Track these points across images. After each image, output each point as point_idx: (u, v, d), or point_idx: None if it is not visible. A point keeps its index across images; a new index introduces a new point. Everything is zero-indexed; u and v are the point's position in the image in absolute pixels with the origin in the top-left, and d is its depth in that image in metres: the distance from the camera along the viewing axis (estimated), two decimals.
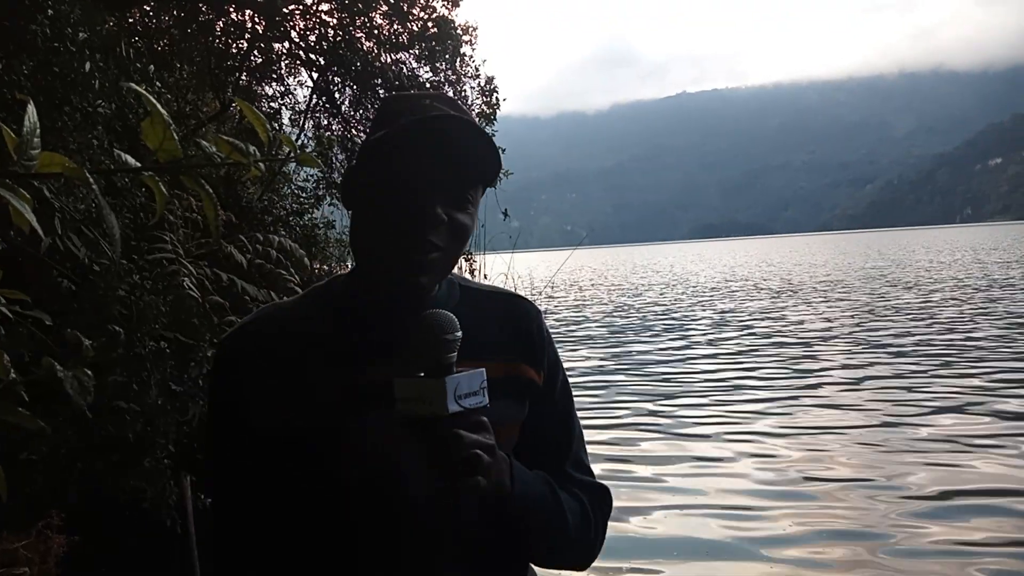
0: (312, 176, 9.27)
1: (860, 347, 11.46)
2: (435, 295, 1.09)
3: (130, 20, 6.64)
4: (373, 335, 1.04)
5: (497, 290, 1.21)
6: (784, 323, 15.07)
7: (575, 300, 25.22)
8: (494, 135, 9.34)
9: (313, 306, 1.10)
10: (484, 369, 0.93)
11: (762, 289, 24.66)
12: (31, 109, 0.54)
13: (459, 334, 0.91)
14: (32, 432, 2.58)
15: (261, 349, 1.04)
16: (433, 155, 1.00)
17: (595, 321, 18.09)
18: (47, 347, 2.51)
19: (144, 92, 0.61)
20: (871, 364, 9.97)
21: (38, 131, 0.53)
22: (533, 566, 1.18)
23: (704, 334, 14.12)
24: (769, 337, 13.07)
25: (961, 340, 11.36)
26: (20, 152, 0.53)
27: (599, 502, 1.18)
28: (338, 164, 8.85)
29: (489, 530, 1.05)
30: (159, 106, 0.59)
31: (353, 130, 8.88)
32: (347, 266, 9.02)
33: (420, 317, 0.91)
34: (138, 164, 0.64)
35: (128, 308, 3.10)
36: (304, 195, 8.54)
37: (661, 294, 25.73)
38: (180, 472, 3.29)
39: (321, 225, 8.25)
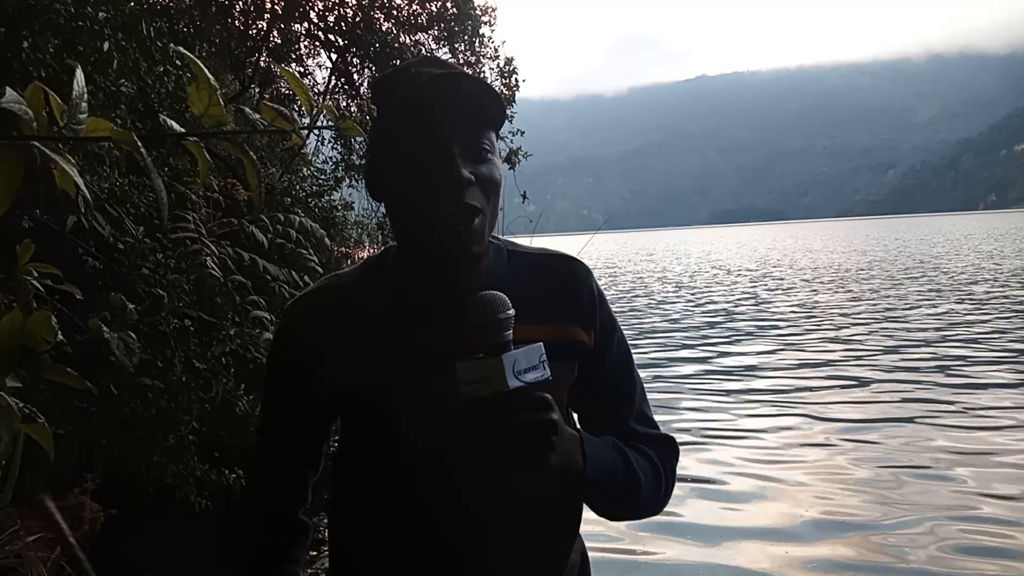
0: (331, 158, 9.30)
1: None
2: (484, 261, 1.09)
3: (151, 0, 6.64)
4: (427, 301, 1.06)
5: (545, 251, 1.20)
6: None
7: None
8: (513, 117, 9.30)
9: (371, 275, 1.14)
10: (542, 343, 0.93)
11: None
12: (79, 73, 0.54)
13: (511, 312, 0.92)
14: (59, 404, 2.62)
15: (320, 318, 1.09)
16: (441, 123, 1.01)
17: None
18: (74, 323, 2.54)
19: (192, 56, 0.61)
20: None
21: (86, 95, 0.54)
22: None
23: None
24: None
25: None
26: (69, 116, 0.53)
27: (667, 455, 1.20)
28: (357, 146, 8.86)
29: (547, 497, 1.07)
30: (205, 70, 0.59)
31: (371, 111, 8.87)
32: (365, 247, 9.05)
33: (472, 300, 0.93)
34: (182, 130, 0.64)
35: (152, 286, 3.13)
36: (323, 177, 8.57)
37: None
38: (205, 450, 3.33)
39: (340, 207, 8.28)
